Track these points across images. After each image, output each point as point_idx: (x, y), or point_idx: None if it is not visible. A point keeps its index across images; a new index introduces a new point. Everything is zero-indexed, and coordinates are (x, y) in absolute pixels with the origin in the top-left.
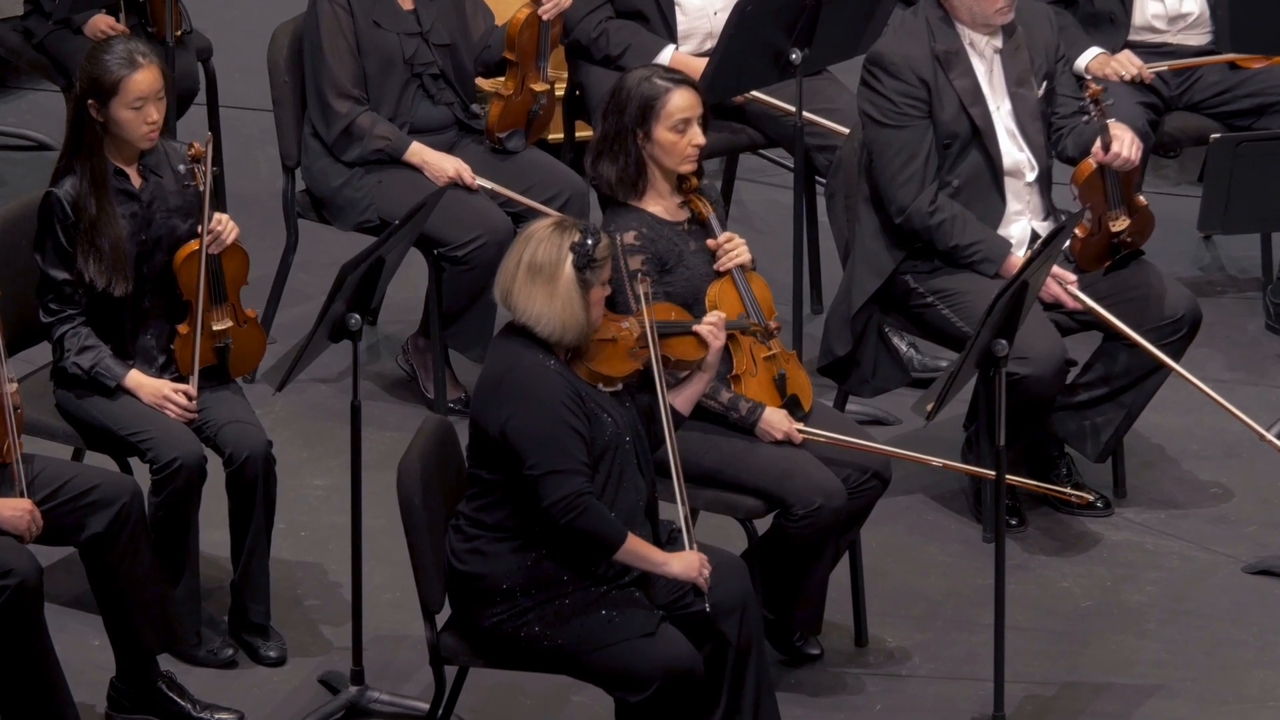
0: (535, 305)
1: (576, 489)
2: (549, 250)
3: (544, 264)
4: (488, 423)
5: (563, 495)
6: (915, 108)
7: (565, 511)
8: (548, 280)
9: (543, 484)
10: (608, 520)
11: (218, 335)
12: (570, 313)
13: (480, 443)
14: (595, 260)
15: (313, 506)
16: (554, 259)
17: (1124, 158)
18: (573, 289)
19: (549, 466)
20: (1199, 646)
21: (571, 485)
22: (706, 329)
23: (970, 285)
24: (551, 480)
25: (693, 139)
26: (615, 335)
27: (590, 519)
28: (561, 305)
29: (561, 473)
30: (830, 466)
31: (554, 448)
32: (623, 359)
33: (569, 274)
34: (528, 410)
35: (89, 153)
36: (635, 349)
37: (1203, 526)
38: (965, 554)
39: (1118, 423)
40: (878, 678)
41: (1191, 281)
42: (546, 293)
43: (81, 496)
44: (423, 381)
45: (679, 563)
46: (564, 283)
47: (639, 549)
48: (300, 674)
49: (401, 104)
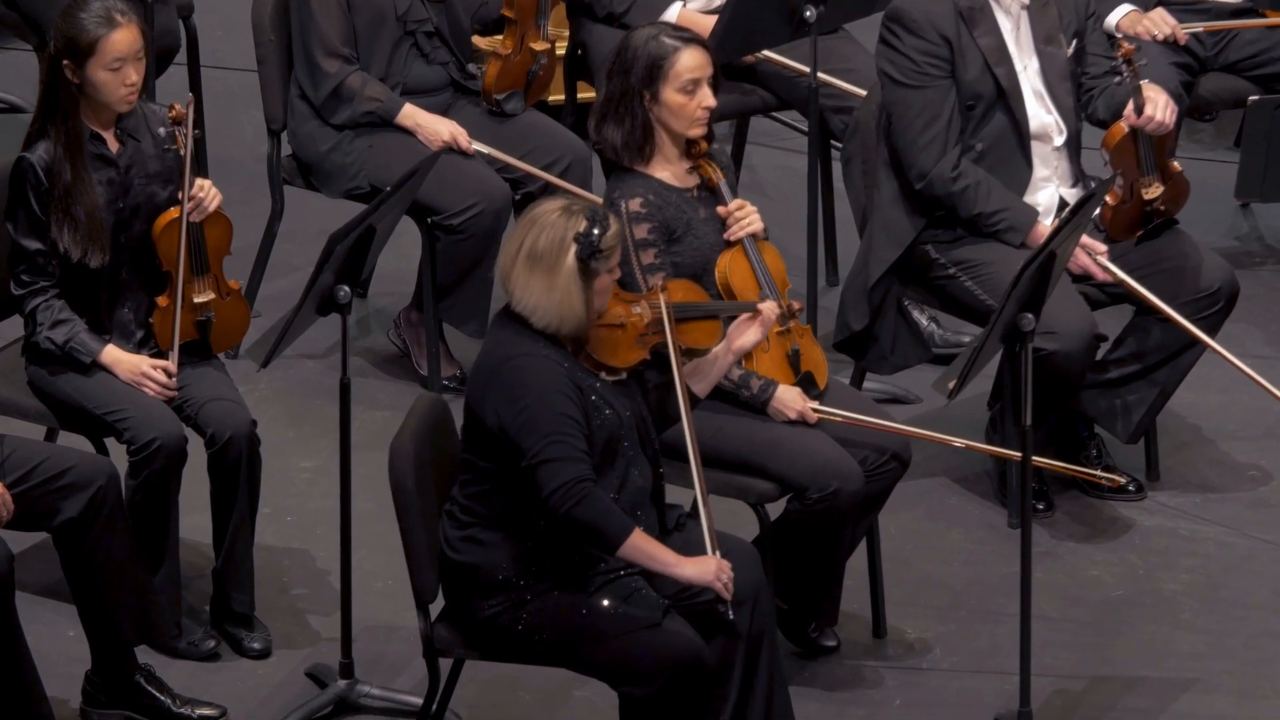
0: (532, 295)
1: (575, 475)
2: (551, 238)
3: (545, 253)
4: (484, 411)
5: (561, 483)
6: (937, 67)
7: (564, 499)
8: (547, 270)
9: (540, 473)
10: (610, 512)
11: (199, 308)
12: (568, 305)
13: (475, 429)
14: (601, 251)
15: (299, 490)
16: (556, 248)
17: (1157, 121)
18: (573, 281)
19: (546, 455)
20: (1237, 638)
21: (569, 472)
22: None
23: (995, 256)
24: (549, 469)
25: (702, 101)
26: (624, 320)
27: (590, 508)
28: (560, 298)
29: (559, 460)
30: (846, 448)
31: (551, 437)
32: (629, 347)
33: (570, 265)
34: (524, 401)
35: (64, 116)
36: (645, 335)
37: (1240, 511)
38: (989, 540)
39: (1150, 401)
40: (897, 671)
41: (1228, 252)
42: (545, 283)
43: (55, 479)
44: (416, 357)
45: (692, 567)
46: (564, 274)
47: (645, 546)
48: (286, 667)
49: (393, 63)
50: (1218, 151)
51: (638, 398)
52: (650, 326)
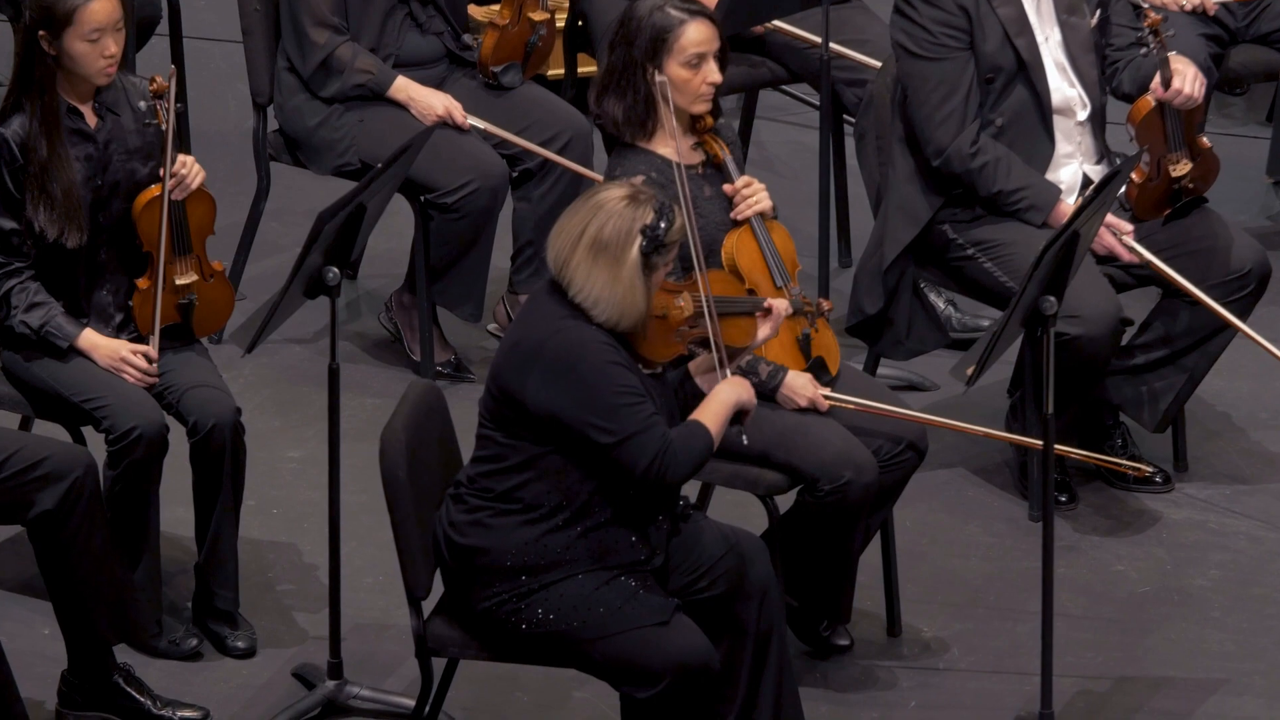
0: (595, 286)
1: (660, 445)
2: (618, 227)
3: (610, 242)
4: (525, 392)
5: (652, 457)
6: (955, 38)
7: (662, 471)
8: (612, 261)
9: (625, 451)
10: (690, 440)
11: (181, 290)
12: (631, 299)
13: (503, 406)
14: (665, 245)
15: (286, 481)
16: (622, 239)
17: (1186, 94)
18: (637, 274)
19: (625, 432)
20: (1269, 636)
21: (654, 443)
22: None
23: (1015, 236)
24: (634, 444)
25: (707, 76)
26: (666, 311)
27: (684, 458)
28: (624, 291)
29: (639, 434)
30: (860, 436)
31: (624, 412)
32: (667, 341)
33: (634, 257)
34: (582, 379)
35: (40, 89)
36: (684, 329)
37: (1272, 503)
38: (1009, 534)
39: (1178, 388)
40: (912, 671)
41: (1260, 232)
42: (610, 275)
43: (30, 470)
44: (408, 342)
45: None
46: (629, 266)
47: (717, 421)
48: (272, 667)
49: (386, 34)
50: (1249, 127)
51: (670, 394)
52: (689, 321)
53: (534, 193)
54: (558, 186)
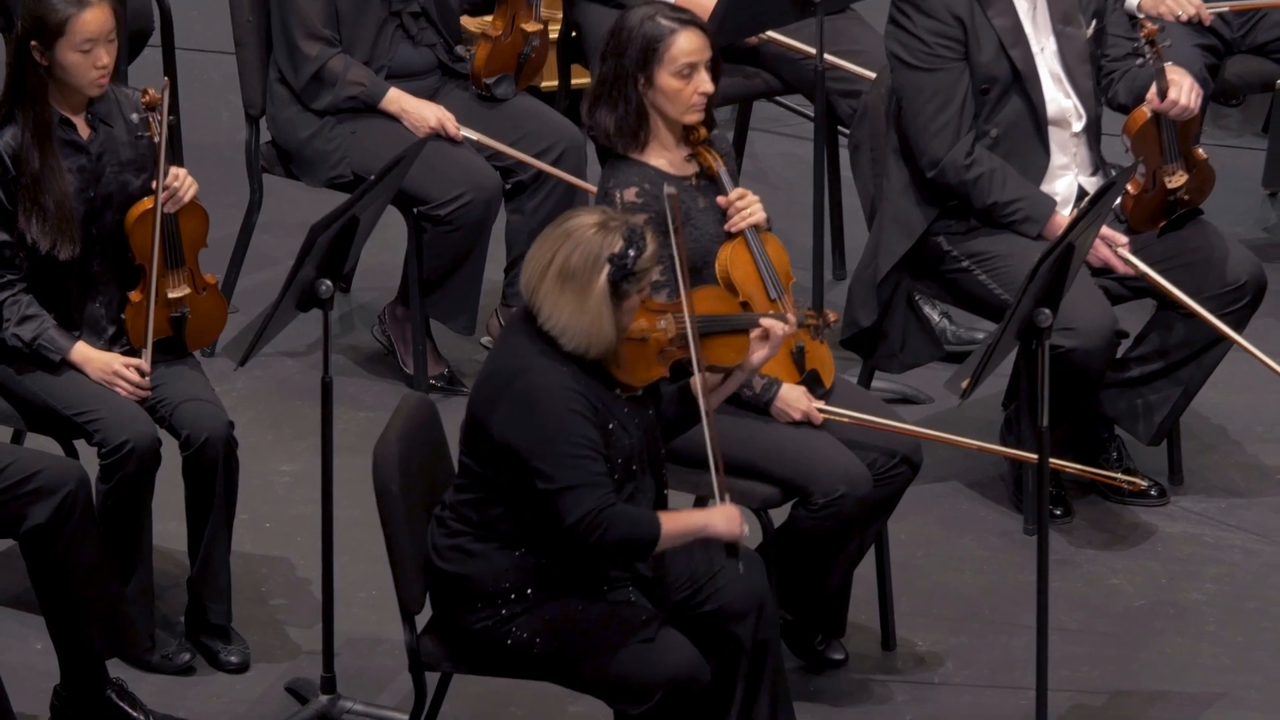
0: (562, 315)
1: (598, 504)
2: (585, 255)
3: (577, 270)
4: (490, 423)
5: (585, 512)
6: (949, 48)
7: (591, 529)
8: (579, 290)
9: (561, 502)
10: (637, 520)
11: (174, 304)
12: (598, 328)
13: (477, 435)
14: (634, 274)
15: (279, 495)
16: (588, 267)
17: (1182, 105)
18: (604, 302)
19: (566, 482)
20: (1265, 650)
21: (591, 500)
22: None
23: (1010, 248)
24: (570, 496)
25: (699, 86)
26: (646, 334)
27: (619, 529)
28: (590, 320)
29: (579, 487)
30: (854, 450)
31: (569, 461)
32: (649, 363)
33: (601, 286)
34: (538, 420)
35: (32, 100)
36: (667, 350)
37: (1268, 517)
38: (1004, 547)
39: (1174, 401)
40: (907, 685)
41: (1255, 244)
42: (576, 304)
43: (22, 484)
44: (401, 355)
45: (720, 517)
46: (595, 295)
47: (677, 528)
48: (264, 681)
49: (378, 46)
50: (1245, 138)
51: (648, 412)
52: (674, 341)
53: (527, 205)
54: (551, 198)
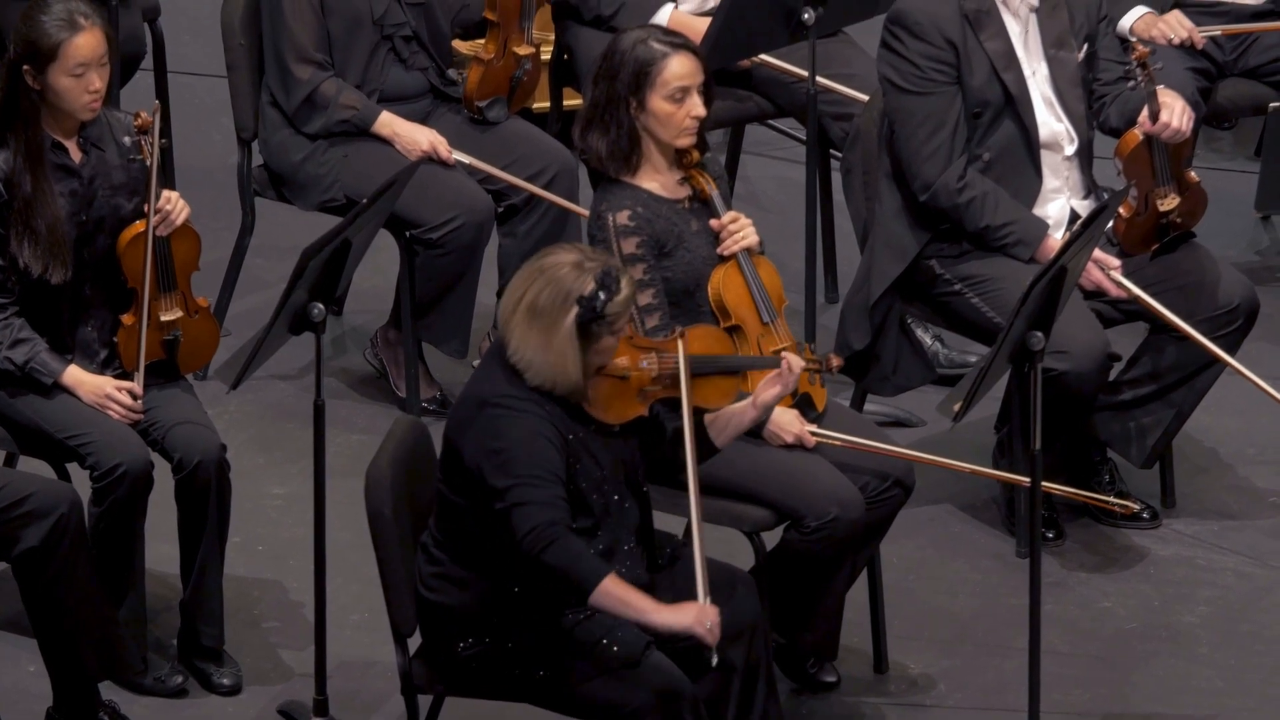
0: (528, 350)
1: (548, 519)
2: (554, 294)
3: (545, 309)
4: (462, 446)
5: (532, 526)
6: (942, 72)
7: (535, 542)
8: (545, 329)
9: (513, 516)
10: (582, 557)
11: (166, 327)
12: (561, 367)
13: (452, 462)
14: (603, 317)
15: (271, 518)
16: (556, 306)
17: (1174, 128)
18: (569, 343)
19: (519, 498)
20: (1257, 673)
21: (542, 516)
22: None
23: (1002, 271)
24: (521, 512)
25: (691, 110)
26: (628, 372)
27: (561, 553)
28: (554, 358)
29: (532, 504)
30: (846, 473)
31: (526, 480)
32: (628, 402)
33: (569, 326)
34: (501, 443)
35: (24, 124)
36: (648, 390)
37: (1261, 539)
38: (997, 570)
39: (1166, 424)
40: (899, 708)
41: (1248, 267)
42: (541, 340)
43: (14, 507)
44: (393, 378)
45: (671, 614)
46: (561, 334)
47: (619, 592)
48: (257, 704)
49: (370, 69)
50: (1237, 161)
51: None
52: (657, 381)
53: (519, 228)
54: (543, 221)
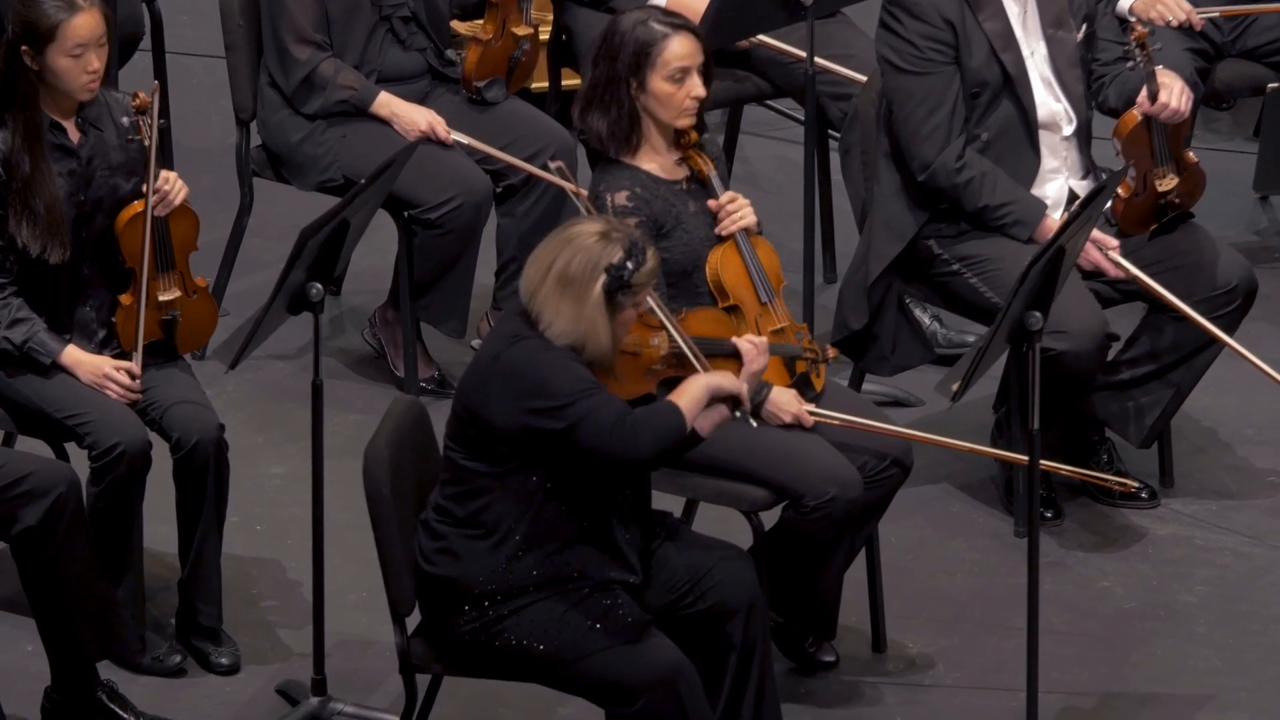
0: (561, 321)
1: (616, 416)
2: (584, 262)
3: (575, 277)
4: (489, 408)
5: (608, 432)
6: (940, 52)
7: (622, 446)
8: (576, 297)
9: (580, 434)
10: (659, 416)
11: (164, 307)
12: (594, 336)
13: (466, 425)
14: (630, 286)
15: (269, 497)
16: (586, 274)
17: (1172, 108)
18: (599, 311)
19: (576, 415)
20: (1255, 652)
21: (609, 415)
22: (747, 346)
23: (1001, 251)
24: (587, 424)
25: (691, 90)
26: (639, 348)
27: (649, 435)
28: (588, 327)
29: (591, 414)
30: (845, 452)
31: (575, 398)
32: (637, 378)
33: (597, 294)
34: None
35: (22, 104)
36: (656, 368)
37: (1259, 519)
38: (995, 550)
39: (1164, 404)
40: (898, 687)
41: (1246, 247)
42: (574, 310)
43: (12, 486)
44: (392, 358)
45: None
46: (592, 302)
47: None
48: (255, 683)
49: (368, 50)
50: (1235, 141)
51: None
52: (663, 360)
53: (518, 208)
54: (542, 202)
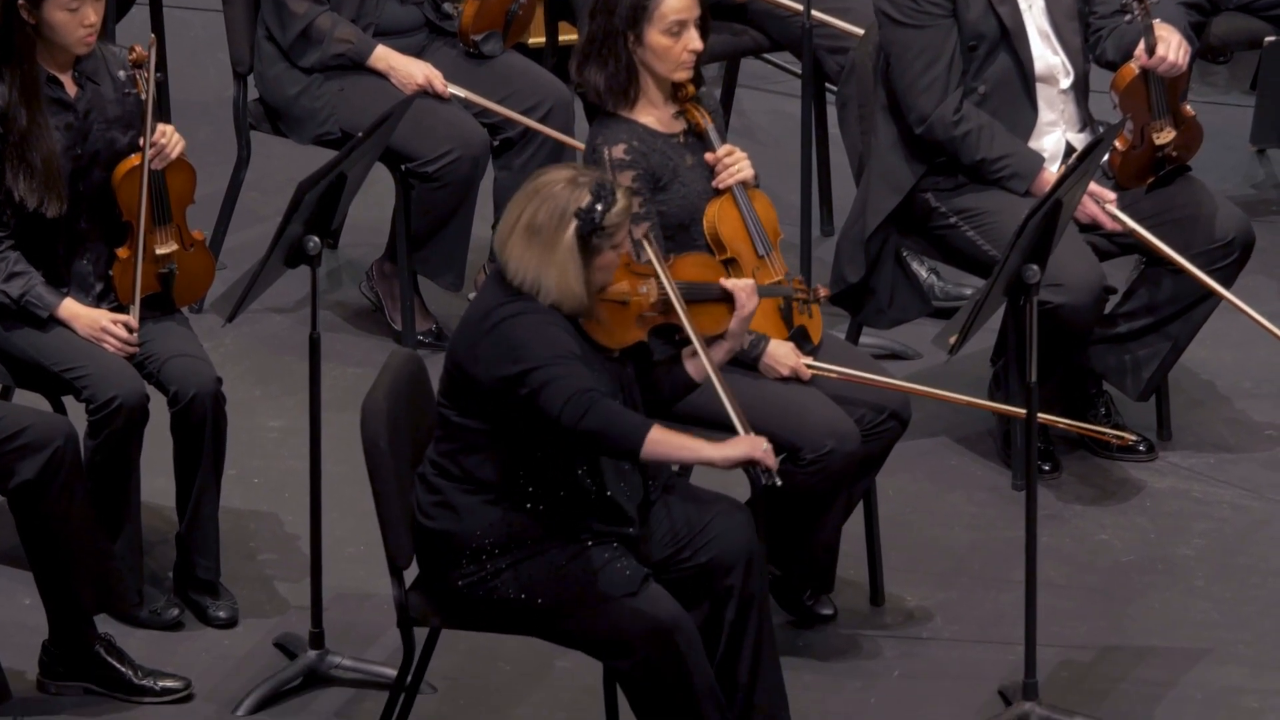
0: (529, 271)
1: (578, 387)
2: (552, 210)
3: (543, 226)
4: (476, 366)
5: (565, 398)
6: (937, 5)
7: (573, 413)
8: (545, 245)
9: (543, 396)
10: (623, 414)
11: (161, 260)
12: (565, 283)
13: (459, 383)
14: (603, 229)
15: (267, 451)
16: (555, 221)
17: (1170, 62)
18: (571, 257)
19: (545, 378)
20: (1253, 605)
21: (572, 385)
22: (738, 291)
23: (998, 204)
24: (551, 389)
25: (688, 44)
26: (627, 297)
27: (600, 416)
28: (558, 274)
29: (560, 379)
30: (842, 406)
31: (550, 362)
32: (627, 327)
33: (569, 240)
34: (519, 340)
35: (19, 59)
36: (647, 315)
37: (1257, 472)
38: (992, 503)
39: (1162, 357)
40: (896, 640)
41: (1243, 200)
42: (541, 258)
43: (10, 440)
44: (389, 311)
45: (728, 448)
46: (562, 249)
47: (670, 438)
48: (253, 637)
49: (365, 3)
50: (1232, 95)
51: (626, 370)
52: (655, 307)
53: (515, 161)
54: (539, 155)
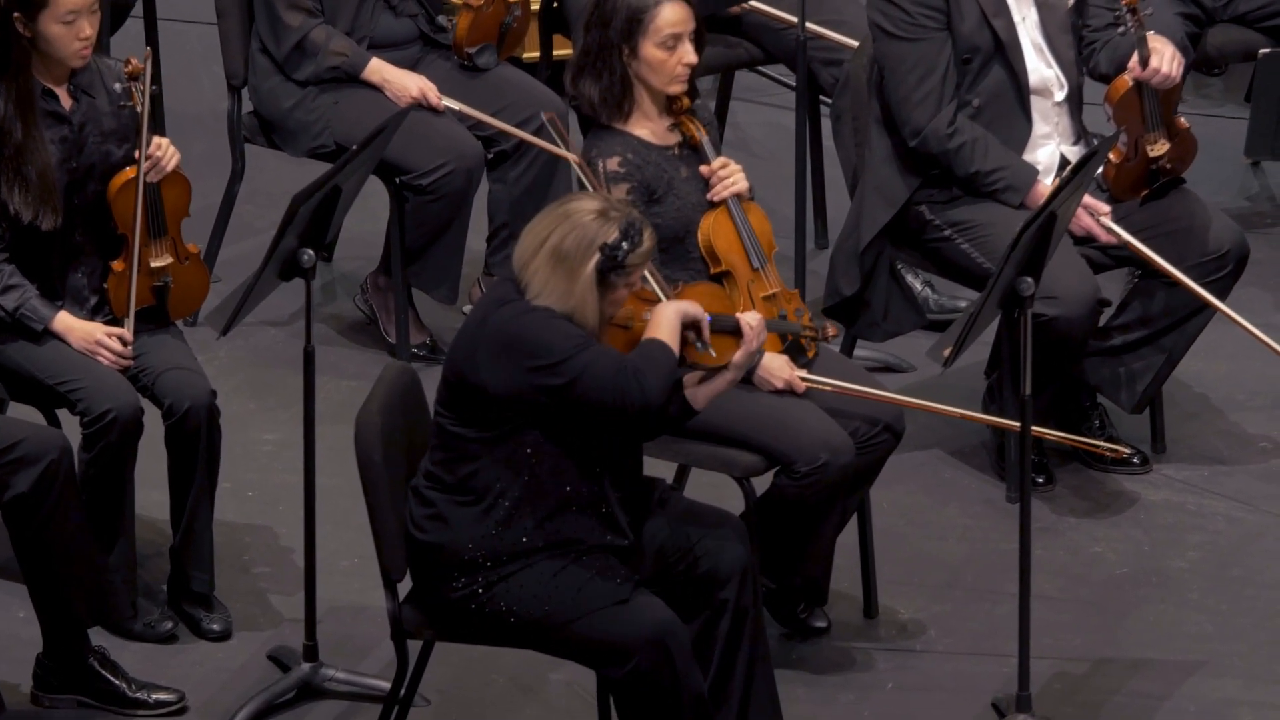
0: (551, 295)
1: (615, 367)
2: (579, 239)
3: (569, 253)
4: (479, 374)
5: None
6: (932, 18)
7: (627, 392)
8: (569, 273)
9: (583, 390)
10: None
11: (156, 273)
12: (582, 313)
13: (456, 391)
14: (623, 267)
15: (261, 464)
16: (581, 251)
17: (1164, 74)
18: (590, 289)
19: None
20: (1247, 618)
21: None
22: (746, 327)
23: (992, 217)
24: (587, 378)
25: (683, 57)
26: (630, 322)
27: (649, 373)
28: (576, 304)
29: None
30: (836, 418)
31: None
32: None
33: (589, 272)
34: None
35: (14, 71)
36: None
37: (1251, 484)
38: (987, 516)
39: (1156, 369)
40: (889, 653)
41: (1238, 213)
42: (565, 286)
43: (4, 453)
44: (383, 324)
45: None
46: (584, 280)
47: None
48: (247, 650)
49: (360, 16)
50: (1227, 107)
51: None
52: None
53: (509, 174)
54: (533, 168)
